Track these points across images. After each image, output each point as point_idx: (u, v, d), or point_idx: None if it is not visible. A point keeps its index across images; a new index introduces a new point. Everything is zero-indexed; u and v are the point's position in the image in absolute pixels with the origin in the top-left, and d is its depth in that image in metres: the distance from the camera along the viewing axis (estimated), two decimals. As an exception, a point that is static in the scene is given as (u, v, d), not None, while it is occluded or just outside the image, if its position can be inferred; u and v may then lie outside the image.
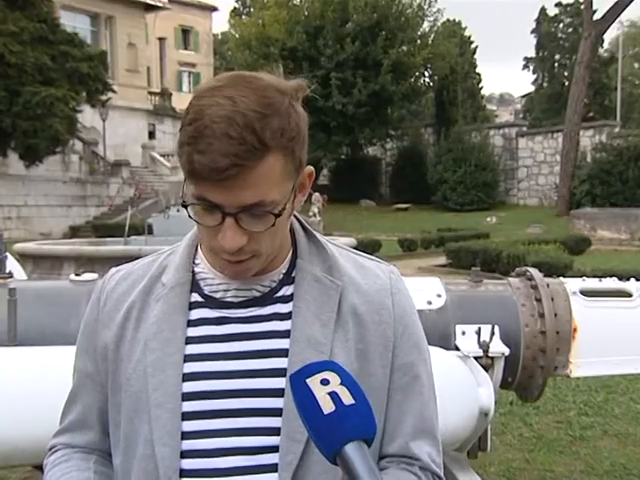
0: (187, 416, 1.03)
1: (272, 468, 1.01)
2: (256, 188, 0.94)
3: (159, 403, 1.03)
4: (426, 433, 1.10)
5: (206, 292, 1.09)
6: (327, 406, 0.81)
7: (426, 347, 1.15)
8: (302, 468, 1.00)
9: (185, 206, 0.99)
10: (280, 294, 1.08)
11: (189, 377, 1.04)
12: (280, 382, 1.02)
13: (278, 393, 1.02)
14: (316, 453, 0.98)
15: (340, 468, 0.80)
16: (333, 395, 0.81)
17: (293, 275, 1.09)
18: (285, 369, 1.03)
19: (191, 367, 1.04)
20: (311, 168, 1.06)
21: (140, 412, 1.04)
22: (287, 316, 1.07)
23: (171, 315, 1.07)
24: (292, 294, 1.08)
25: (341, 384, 0.83)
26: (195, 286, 1.09)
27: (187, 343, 1.06)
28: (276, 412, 1.02)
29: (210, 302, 1.08)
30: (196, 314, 1.08)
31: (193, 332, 1.07)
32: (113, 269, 1.17)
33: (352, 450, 0.78)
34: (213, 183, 0.93)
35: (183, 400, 1.03)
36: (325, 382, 0.83)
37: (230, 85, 0.96)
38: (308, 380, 0.83)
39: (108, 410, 1.11)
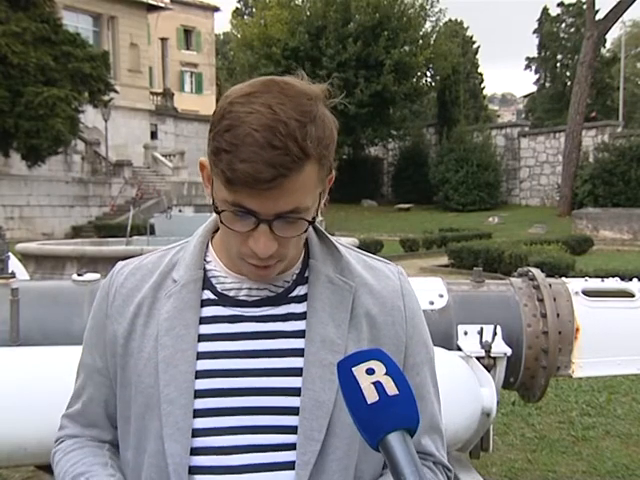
0: (199, 413, 1.03)
1: (287, 466, 1.02)
2: (293, 196, 0.95)
3: (171, 399, 1.03)
4: (435, 429, 1.14)
5: (219, 290, 1.09)
6: (371, 396, 0.82)
7: (432, 345, 1.19)
8: (318, 466, 1.02)
9: (218, 212, 0.99)
10: (294, 294, 1.09)
11: (202, 374, 1.04)
12: (296, 381, 1.04)
13: (294, 392, 1.03)
14: (332, 452, 1.02)
15: (383, 456, 0.81)
16: (377, 385, 0.82)
17: (306, 275, 1.10)
18: (301, 369, 1.04)
19: (204, 364, 1.05)
20: (333, 174, 1.06)
21: (151, 408, 1.04)
22: (302, 316, 1.08)
23: (183, 312, 1.07)
24: (306, 294, 1.09)
25: (386, 374, 0.83)
26: (207, 283, 1.09)
27: (200, 340, 1.06)
28: (292, 411, 1.03)
29: (223, 300, 1.08)
30: (209, 311, 1.08)
31: (206, 329, 1.07)
32: (120, 263, 1.17)
33: (394, 440, 0.79)
34: (253, 191, 0.93)
35: (195, 397, 1.03)
36: (370, 371, 0.84)
37: (264, 91, 0.95)
38: (354, 369, 0.84)
39: (116, 405, 1.12)
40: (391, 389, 0.82)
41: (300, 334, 1.06)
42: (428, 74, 35.18)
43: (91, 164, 27.50)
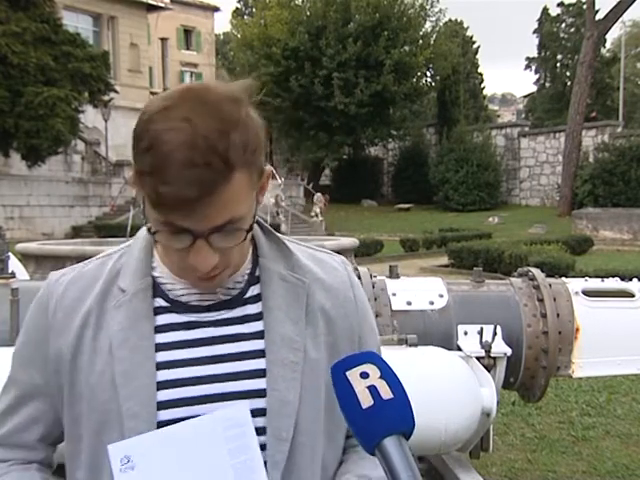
0: (164, 424, 0.99)
1: None
2: (225, 209, 0.92)
3: (133, 413, 0.99)
4: None
5: (170, 297, 1.06)
6: (365, 400, 0.81)
7: (377, 329, 1.21)
8: (289, 465, 1.01)
9: (152, 233, 0.96)
10: (248, 295, 1.07)
11: (164, 385, 1.01)
12: (260, 383, 1.03)
13: (259, 394, 1.02)
14: (301, 449, 1.02)
15: (380, 461, 0.81)
16: (372, 389, 0.82)
17: (257, 274, 1.09)
18: (264, 369, 1.03)
19: (165, 375, 1.02)
20: (270, 168, 1.03)
21: (110, 424, 1.00)
22: (258, 316, 1.06)
23: (137, 322, 1.03)
24: (259, 294, 1.07)
25: (380, 377, 0.83)
26: (157, 291, 1.06)
27: (157, 350, 1.02)
28: (259, 412, 1.02)
29: (177, 307, 1.05)
30: (163, 319, 1.04)
31: (162, 338, 1.03)
32: (56, 273, 1.11)
33: (390, 444, 0.79)
34: (182, 212, 0.91)
35: (159, 409, 1.00)
36: (364, 375, 0.83)
37: (181, 104, 0.91)
38: (347, 373, 0.83)
39: (58, 423, 1.07)
40: (386, 393, 0.81)
41: (259, 335, 1.05)
42: (428, 74, 35.19)
43: (91, 164, 27.49)
